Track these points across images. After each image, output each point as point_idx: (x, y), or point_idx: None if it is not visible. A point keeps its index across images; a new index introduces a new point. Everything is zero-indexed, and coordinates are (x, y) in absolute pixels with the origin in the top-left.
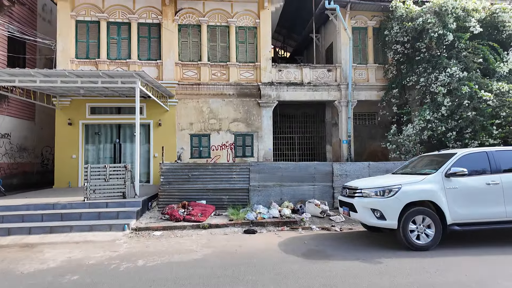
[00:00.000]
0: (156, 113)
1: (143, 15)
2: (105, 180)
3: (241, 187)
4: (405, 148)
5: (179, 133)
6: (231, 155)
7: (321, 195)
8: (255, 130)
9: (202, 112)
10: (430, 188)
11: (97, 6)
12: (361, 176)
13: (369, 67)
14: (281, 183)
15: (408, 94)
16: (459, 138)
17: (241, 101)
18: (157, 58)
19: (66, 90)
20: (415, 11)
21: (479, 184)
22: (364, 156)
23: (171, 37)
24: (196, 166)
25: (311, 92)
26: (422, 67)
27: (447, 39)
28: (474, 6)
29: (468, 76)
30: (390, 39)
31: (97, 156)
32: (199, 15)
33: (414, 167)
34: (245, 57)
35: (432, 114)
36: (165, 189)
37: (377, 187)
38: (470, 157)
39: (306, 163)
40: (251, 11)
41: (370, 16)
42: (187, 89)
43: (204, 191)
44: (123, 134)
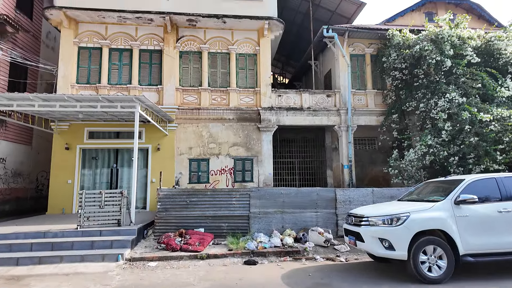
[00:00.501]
0: (155, 138)
1: (145, 42)
2: (100, 207)
3: (241, 213)
4: (408, 174)
5: (177, 157)
6: (231, 180)
7: (324, 222)
8: (255, 155)
9: (201, 137)
10: (440, 216)
11: (100, 33)
12: (365, 202)
13: (368, 93)
14: (283, 210)
15: (408, 119)
16: (462, 163)
17: (241, 126)
18: (157, 83)
19: (65, 115)
20: (412, 39)
21: (490, 212)
22: (365, 181)
23: (172, 63)
24: (195, 192)
25: (311, 117)
26: (421, 93)
27: (445, 65)
28: (469, 34)
29: (468, 102)
30: (388, 65)
31: (93, 181)
32: (200, 43)
33: (421, 194)
34: (245, 82)
35: (433, 139)
36: (161, 216)
37: (384, 215)
38: (479, 184)
39: (309, 189)
40: (251, 39)
41: (367, 44)
42: (187, 114)
43: (202, 218)
44: (120, 158)
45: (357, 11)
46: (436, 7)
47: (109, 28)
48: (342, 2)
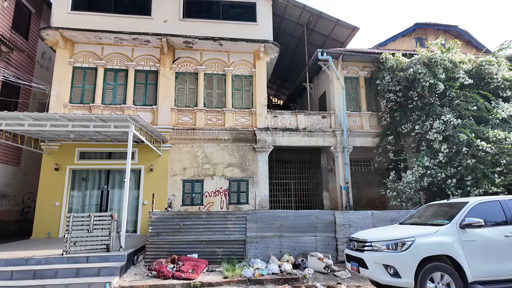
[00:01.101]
0: (148, 158)
1: (141, 62)
2: (88, 231)
3: (237, 238)
4: (406, 196)
5: (171, 178)
6: (225, 202)
7: (323, 247)
8: (251, 176)
9: (196, 157)
10: (446, 241)
11: (96, 53)
12: (365, 226)
13: (363, 115)
14: (281, 234)
15: (404, 141)
16: (460, 185)
17: (236, 146)
18: (152, 103)
19: (56, 135)
20: (405, 62)
21: (497, 236)
22: (362, 203)
23: (168, 83)
24: (189, 215)
25: (307, 138)
26: (415, 115)
27: (438, 88)
28: (460, 58)
29: (463, 124)
30: (383, 88)
31: (83, 203)
32: (196, 64)
33: (423, 217)
34: (240, 103)
35: (430, 160)
36: (153, 241)
37: (388, 240)
38: (484, 207)
39: (307, 212)
40: (247, 61)
41: (361, 67)
42: (182, 134)
43: (196, 243)
44: (112, 180)
45: (350, 35)
46: (426, 33)
47: (105, 48)
48: (336, 27)
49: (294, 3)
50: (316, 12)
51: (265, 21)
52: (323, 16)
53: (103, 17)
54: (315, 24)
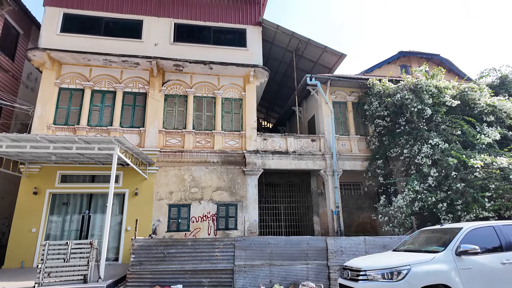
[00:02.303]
0: (134, 182)
1: (129, 84)
2: (65, 260)
3: (225, 267)
4: (398, 221)
5: (156, 203)
6: (213, 228)
7: (315, 275)
8: (240, 200)
9: (183, 180)
10: (443, 269)
11: (83, 75)
12: (358, 253)
13: (352, 138)
14: (271, 262)
15: (393, 165)
16: (451, 210)
17: (225, 169)
18: (140, 125)
19: (37, 157)
20: (392, 88)
21: (494, 264)
22: (352, 228)
23: (156, 105)
24: (174, 242)
25: (296, 161)
26: (404, 139)
27: (426, 113)
28: (445, 84)
29: (451, 148)
30: (371, 113)
31: (62, 229)
32: (186, 87)
33: (417, 243)
34: (230, 126)
35: (420, 184)
36: (135, 271)
37: (383, 268)
38: (478, 232)
39: (298, 238)
40: (237, 84)
41: (349, 92)
42: (169, 156)
43: (181, 273)
44: (94, 204)
45: (338, 61)
46: (410, 61)
47: (94, 70)
48: (324, 54)
49: (283, 30)
50: (305, 39)
51: (255, 46)
52: (311, 43)
53: (93, 40)
54: (303, 50)
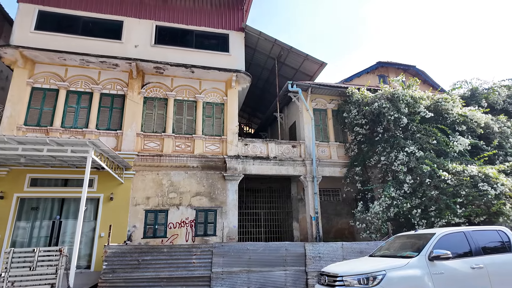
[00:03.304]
0: (109, 186)
1: (107, 86)
2: (31, 269)
3: (202, 274)
4: (374, 227)
5: (132, 208)
6: (191, 234)
7: (293, 282)
8: (219, 205)
9: (161, 185)
10: (416, 274)
11: (58, 75)
12: (335, 258)
13: (331, 145)
14: (249, 269)
15: (371, 172)
16: (425, 216)
17: (205, 174)
18: (117, 128)
19: (4, 159)
20: (370, 96)
21: (464, 268)
22: (331, 234)
23: (135, 108)
24: (149, 249)
25: (277, 167)
26: (381, 147)
27: (402, 122)
28: (420, 95)
29: (425, 156)
30: (350, 121)
31: (30, 236)
32: (166, 90)
33: (392, 249)
34: (211, 130)
35: (396, 191)
36: (107, 279)
37: (359, 274)
38: (449, 238)
39: (277, 244)
40: (219, 89)
41: (329, 100)
42: (147, 160)
43: (156, 281)
44: (66, 209)
45: (319, 69)
46: (388, 71)
47: (70, 70)
48: (305, 61)
49: (265, 36)
50: (287, 47)
51: (238, 52)
52: (293, 50)
53: (70, 39)
54: (285, 57)
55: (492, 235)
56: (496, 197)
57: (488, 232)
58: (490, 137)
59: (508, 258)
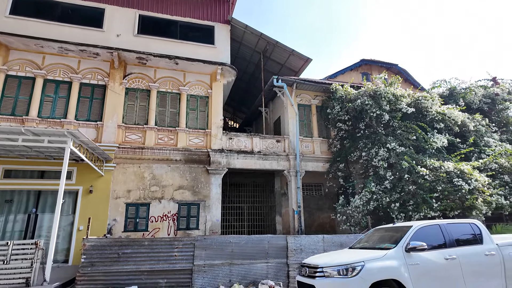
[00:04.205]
0: (88, 179)
1: (87, 75)
2: (4, 262)
3: (183, 267)
4: (354, 220)
5: (113, 201)
6: (173, 228)
7: (275, 273)
8: (202, 199)
9: (143, 178)
10: (393, 265)
11: (35, 62)
12: (316, 250)
13: (315, 140)
14: (231, 261)
15: (353, 167)
16: (403, 210)
17: (188, 168)
18: (97, 119)
19: None
20: (353, 93)
21: (438, 259)
22: (313, 228)
23: (116, 99)
24: (129, 242)
25: (261, 161)
26: (363, 143)
27: (383, 119)
28: (401, 92)
29: (404, 152)
30: (333, 117)
31: (3, 230)
32: (149, 81)
33: (371, 241)
34: (195, 123)
35: (376, 186)
36: (86, 273)
37: (339, 265)
38: (425, 230)
39: (259, 237)
40: (204, 82)
41: (313, 96)
42: (129, 153)
43: (136, 274)
44: (43, 202)
45: (304, 65)
46: (371, 69)
47: (47, 58)
48: (291, 57)
49: (251, 30)
50: (273, 41)
51: (223, 44)
52: (279, 45)
53: (48, 25)
54: (271, 52)
55: (465, 227)
56: (470, 192)
57: (461, 225)
58: (466, 135)
59: (479, 249)
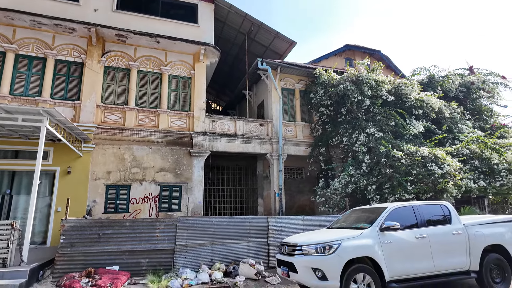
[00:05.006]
0: (66, 160)
1: (63, 52)
2: None
3: (165, 247)
4: (333, 202)
5: (92, 183)
6: (155, 209)
7: (256, 253)
8: (185, 181)
9: (123, 160)
10: (368, 243)
11: (5, 36)
12: (296, 230)
13: (297, 125)
14: (213, 241)
15: (333, 152)
16: (379, 192)
17: (170, 150)
18: (74, 98)
19: None
20: (336, 78)
21: (410, 238)
22: (293, 210)
23: (95, 78)
24: (110, 222)
25: (244, 144)
26: (344, 128)
27: (364, 104)
28: (383, 79)
29: (383, 137)
30: (316, 102)
31: None
32: (129, 60)
33: (348, 221)
34: (177, 105)
35: (355, 170)
36: (65, 253)
37: (317, 243)
38: (399, 211)
39: (241, 217)
40: (186, 62)
41: (297, 80)
42: (108, 134)
43: (118, 254)
44: (18, 183)
45: (288, 48)
46: (354, 55)
47: (18, 31)
48: (276, 39)
49: (236, 10)
50: (257, 23)
51: (207, 24)
52: (263, 27)
53: None
54: (255, 33)
55: (436, 209)
56: (442, 176)
57: (432, 206)
58: (442, 122)
59: (447, 229)
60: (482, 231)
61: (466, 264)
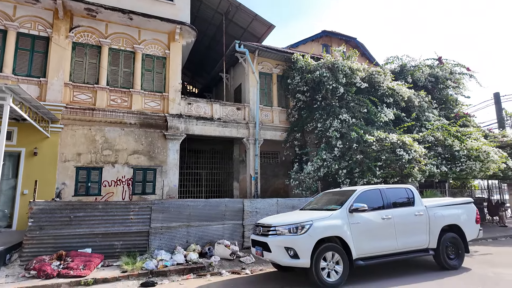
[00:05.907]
0: (32, 140)
1: (26, 24)
2: None
3: (140, 229)
4: (306, 185)
5: (61, 165)
6: (128, 192)
7: (231, 234)
8: (159, 164)
9: (94, 141)
10: (337, 223)
11: None
12: (271, 212)
13: (274, 110)
14: (189, 223)
15: (308, 137)
16: (350, 176)
17: (144, 132)
18: (40, 75)
19: None
20: (313, 64)
21: (376, 219)
22: (268, 193)
23: (62, 54)
24: (82, 205)
25: (221, 128)
26: (319, 114)
27: (339, 91)
28: (357, 66)
29: (355, 123)
30: (293, 87)
31: None
32: (100, 36)
33: (320, 203)
34: (151, 86)
35: (327, 154)
36: (34, 236)
37: (290, 224)
38: (368, 194)
39: (217, 200)
40: (161, 41)
41: (275, 64)
42: (78, 114)
43: (90, 237)
44: None
45: (267, 32)
46: (331, 41)
47: None
48: (254, 22)
49: None
50: (235, 3)
51: (183, 2)
52: (241, 8)
53: None
54: (233, 14)
55: (401, 192)
56: (409, 162)
57: (398, 189)
58: (411, 110)
59: (410, 210)
60: (441, 212)
61: (426, 242)
